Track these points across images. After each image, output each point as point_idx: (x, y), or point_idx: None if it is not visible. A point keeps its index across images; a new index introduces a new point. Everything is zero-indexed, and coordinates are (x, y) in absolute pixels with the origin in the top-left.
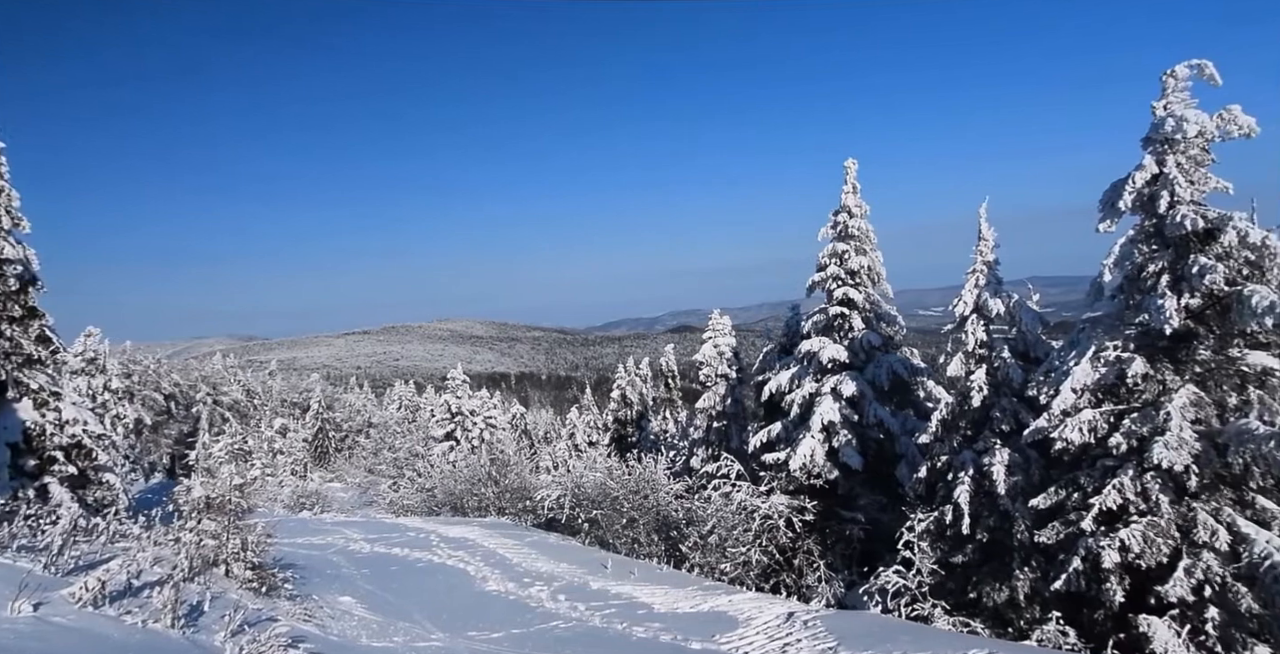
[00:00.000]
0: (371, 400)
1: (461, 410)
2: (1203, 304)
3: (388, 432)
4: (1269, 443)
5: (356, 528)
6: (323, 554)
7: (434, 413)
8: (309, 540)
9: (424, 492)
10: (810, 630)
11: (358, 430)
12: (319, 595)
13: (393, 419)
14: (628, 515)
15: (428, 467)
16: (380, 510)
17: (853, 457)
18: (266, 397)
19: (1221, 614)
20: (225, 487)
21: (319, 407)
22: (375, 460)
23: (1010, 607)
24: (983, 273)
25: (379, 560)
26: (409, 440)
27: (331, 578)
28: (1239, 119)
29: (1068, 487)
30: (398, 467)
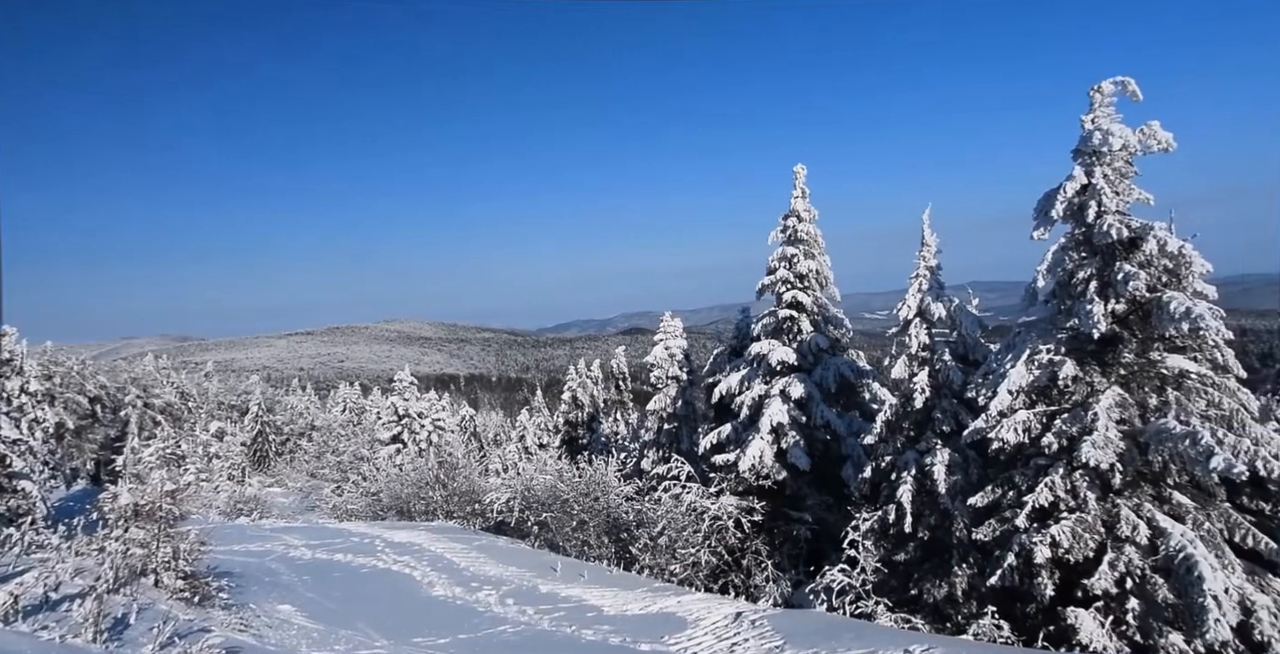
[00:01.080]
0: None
1: (409, 413)
2: (1127, 309)
3: (331, 435)
4: (1184, 441)
5: (297, 534)
6: (261, 561)
7: (380, 415)
8: (246, 547)
9: (369, 496)
10: (757, 630)
11: (300, 434)
12: (256, 604)
13: (337, 422)
14: (578, 518)
15: (373, 470)
16: (323, 515)
17: (800, 458)
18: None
19: (1141, 604)
20: (156, 493)
21: (259, 409)
22: (318, 464)
23: (949, 602)
24: (926, 278)
25: (321, 567)
26: (354, 443)
27: (270, 586)
28: (1158, 135)
29: (1004, 485)
30: (342, 470)
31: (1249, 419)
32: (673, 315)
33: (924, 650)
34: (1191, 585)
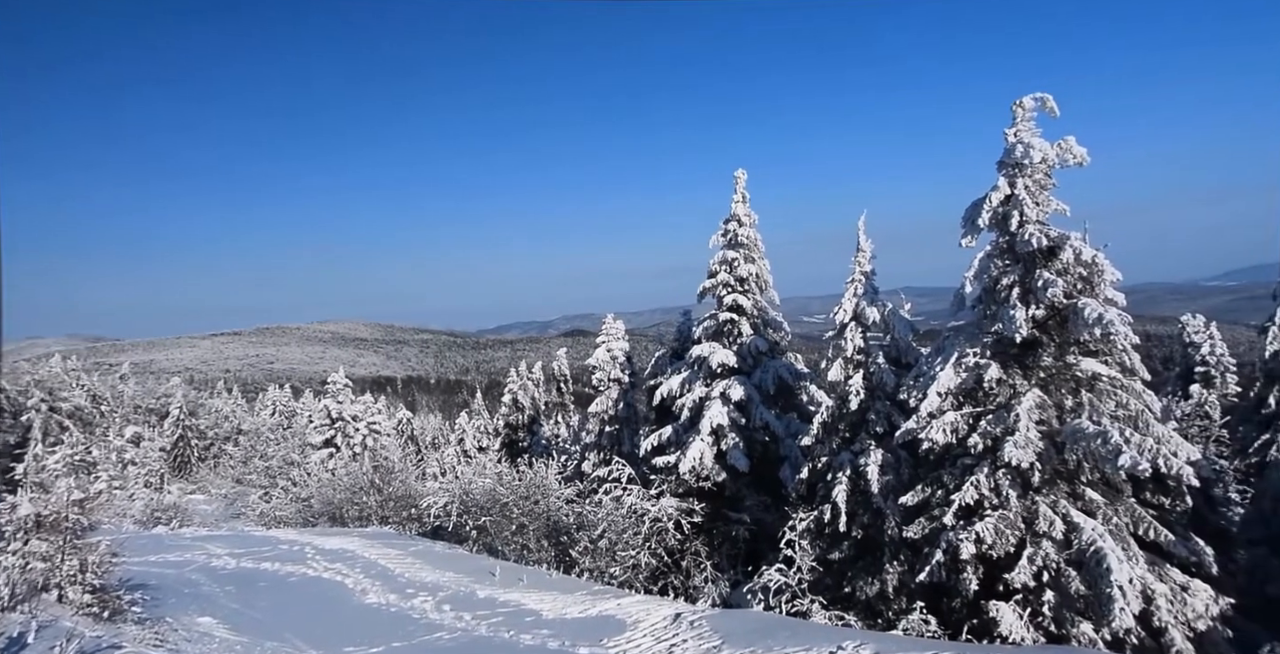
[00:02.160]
0: (242, 406)
1: (343, 416)
2: (1046, 315)
3: (259, 439)
4: (1096, 440)
5: (221, 542)
6: (180, 572)
7: (312, 418)
8: (164, 558)
9: (299, 502)
10: (696, 630)
11: (225, 438)
12: (174, 617)
13: (265, 425)
14: (517, 521)
15: (304, 475)
16: (249, 523)
17: (740, 459)
18: (117, 402)
19: (1056, 596)
20: (61, 502)
21: (180, 413)
22: (245, 470)
23: (881, 599)
24: (861, 283)
25: (246, 576)
26: (283, 448)
27: (190, 598)
28: (1074, 149)
29: (933, 484)
30: (270, 476)
31: (1152, 419)
32: (615, 317)
33: (856, 646)
34: (1100, 577)
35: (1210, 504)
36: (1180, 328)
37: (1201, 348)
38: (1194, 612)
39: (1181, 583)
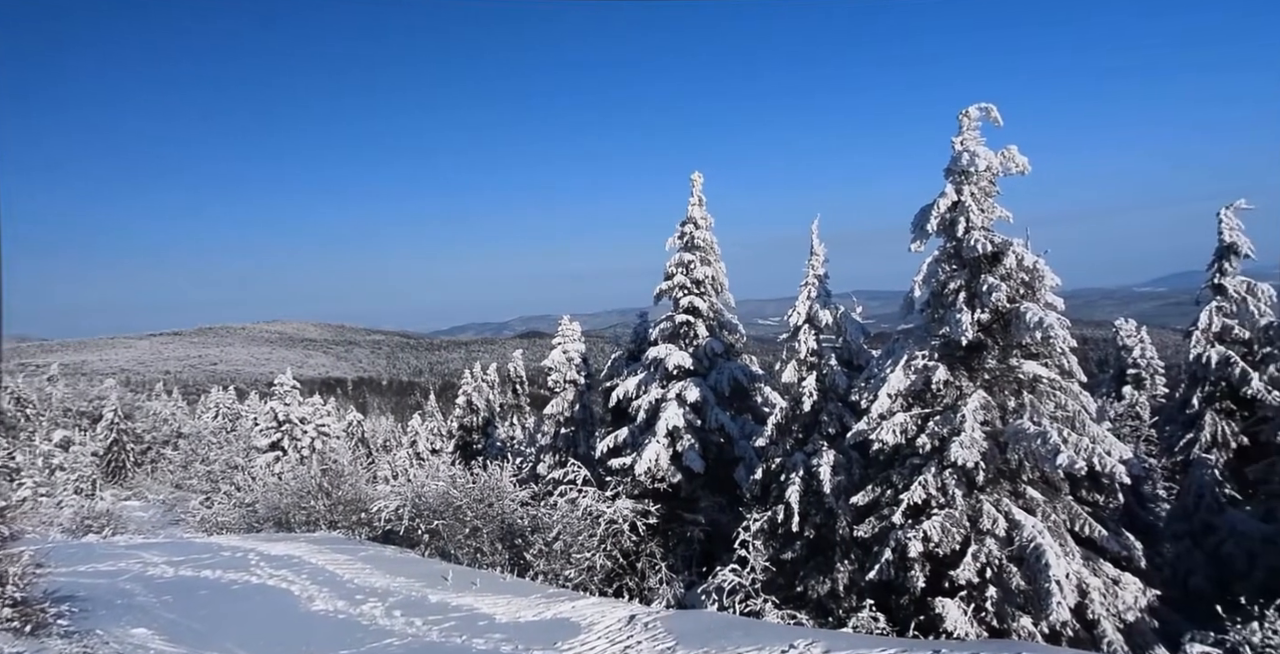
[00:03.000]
0: (182, 408)
1: (290, 418)
2: (991, 319)
3: (201, 442)
4: (1036, 440)
5: (158, 550)
6: (113, 582)
7: (258, 421)
8: (95, 567)
9: (243, 507)
10: (650, 632)
11: (164, 442)
12: (104, 630)
13: (208, 428)
14: (471, 524)
15: (248, 479)
16: (189, 529)
17: (695, 460)
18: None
19: (998, 592)
20: None
21: (114, 416)
22: (185, 474)
23: (831, 597)
24: (814, 286)
25: (185, 585)
26: (227, 451)
27: (123, 609)
28: (1016, 158)
29: (883, 484)
30: (212, 480)
31: (1088, 419)
32: (571, 319)
33: (807, 645)
34: (1040, 572)
35: (1140, 500)
36: (1114, 332)
37: (1133, 351)
38: (1124, 604)
39: (1113, 577)
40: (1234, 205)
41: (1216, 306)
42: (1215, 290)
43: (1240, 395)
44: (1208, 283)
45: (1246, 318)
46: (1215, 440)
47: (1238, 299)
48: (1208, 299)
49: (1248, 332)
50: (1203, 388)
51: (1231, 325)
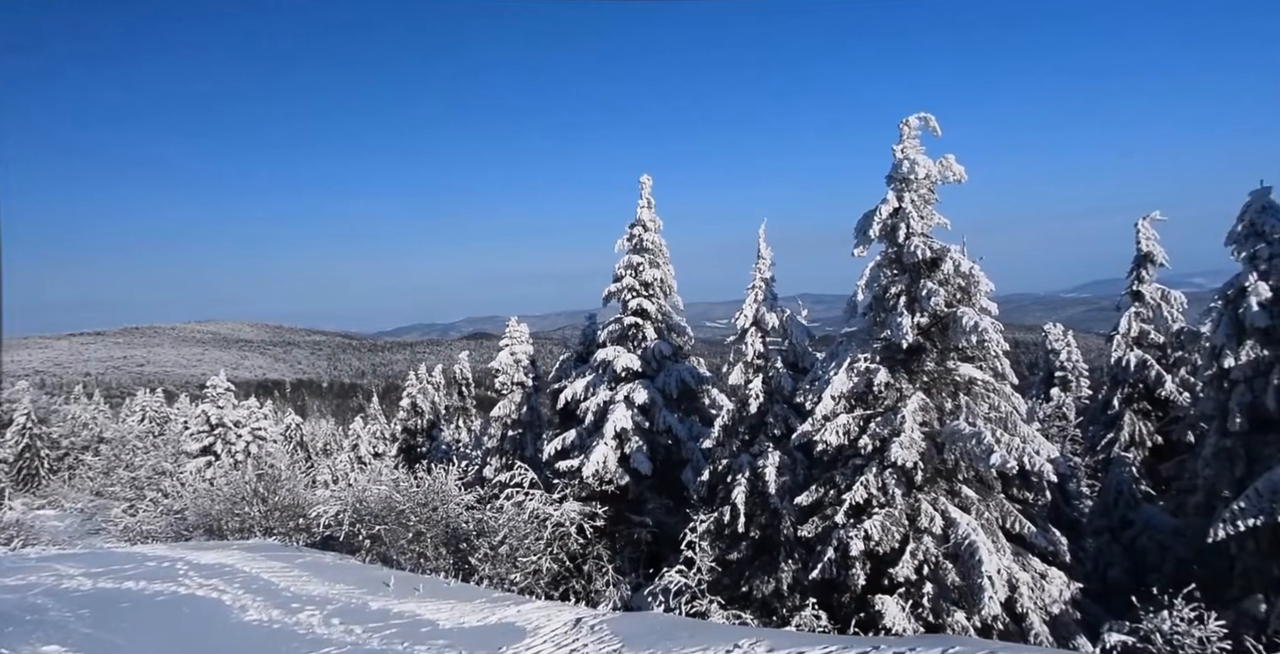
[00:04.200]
0: (104, 412)
1: (223, 421)
2: (930, 322)
3: (125, 448)
4: (971, 441)
5: (74, 562)
6: (21, 597)
7: (188, 425)
8: (1, 582)
9: (171, 514)
10: (596, 635)
11: (83, 447)
12: (11, 649)
13: (133, 433)
14: (415, 529)
15: (177, 486)
16: (110, 539)
17: (643, 462)
18: None
19: (935, 588)
20: None
21: (27, 420)
22: (106, 481)
23: (776, 597)
24: (761, 289)
25: (104, 598)
26: (154, 457)
27: (32, 625)
28: (953, 167)
29: (826, 484)
30: (137, 487)
31: (1019, 421)
32: (519, 320)
33: (752, 644)
34: (973, 568)
35: (1065, 498)
36: (1043, 336)
37: (1060, 354)
38: (1050, 597)
39: (1041, 571)
40: (1150, 217)
41: (1135, 312)
42: (1134, 297)
43: (1156, 397)
44: (1127, 290)
45: (1161, 323)
46: (1133, 439)
47: (1154, 305)
48: (1127, 305)
49: (1162, 336)
50: (1122, 390)
51: (1148, 330)
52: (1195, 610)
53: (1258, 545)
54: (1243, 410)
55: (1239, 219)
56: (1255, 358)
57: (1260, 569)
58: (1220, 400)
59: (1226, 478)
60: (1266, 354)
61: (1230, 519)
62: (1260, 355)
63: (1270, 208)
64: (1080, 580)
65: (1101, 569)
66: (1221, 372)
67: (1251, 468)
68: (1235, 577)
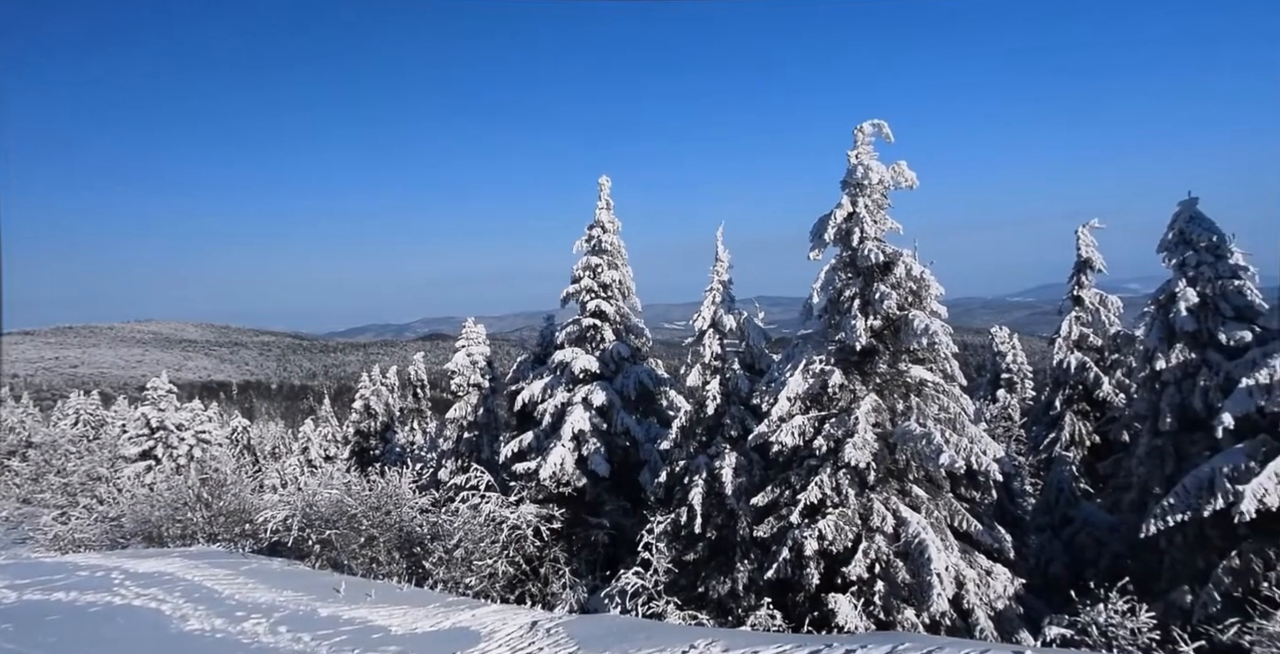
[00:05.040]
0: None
1: (165, 425)
2: (882, 325)
3: (56, 452)
4: (922, 441)
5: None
6: None
7: (127, 428)
8: None
9: (106, 522)
10: (552, 638)
11: (10, 452)
12: None
13: (65, 437)
14: (367, 534)
15: (113, 491)
16: (39, 548)
17: (601, 464)
18: None
19: (886, 586)
20: None
21: None
22: (35, 488)
23: (731, 597)
24: (719, 291)
25: (30, 610)
26: (88, 462)
27: None
28: (906, 173)
29: (781, 485)
30: (69, 493)
31: (968, 421)
32: (476, 321)
33: (707, 644)
34: (923, 566)
35: (1010, 496)
36: (990, 338)
37: (1006, 357)
38: (995, 593)
39: (987, 568)
40: (1089, 224)
41: (1075, 316)
42: (1074, 301)
43: (1094, 398)
44: (1068, 295)
45: (1099, 327)
46: (1073, 439)
47: (1092, 310)
48: (1068, 309)
49: (1100, 340)
50: (1063, 391)
51: (1087, 334)
52: (1128, 603)
53: (1184, 539)
54: (1172, 411)
55: (1169, 228)
56: (1184, 360)
57: (1186, 562)
58: (1152, 401)
59: (1158, 475)
60: (1194, 357)
61: (1160, 515)
62: (1189, 358)
63: (1197, 218)
64: (1023, 576)
65: (1043, 565)
66: (1153, 374)
67: (1180, 465)
68: (1164, 570)
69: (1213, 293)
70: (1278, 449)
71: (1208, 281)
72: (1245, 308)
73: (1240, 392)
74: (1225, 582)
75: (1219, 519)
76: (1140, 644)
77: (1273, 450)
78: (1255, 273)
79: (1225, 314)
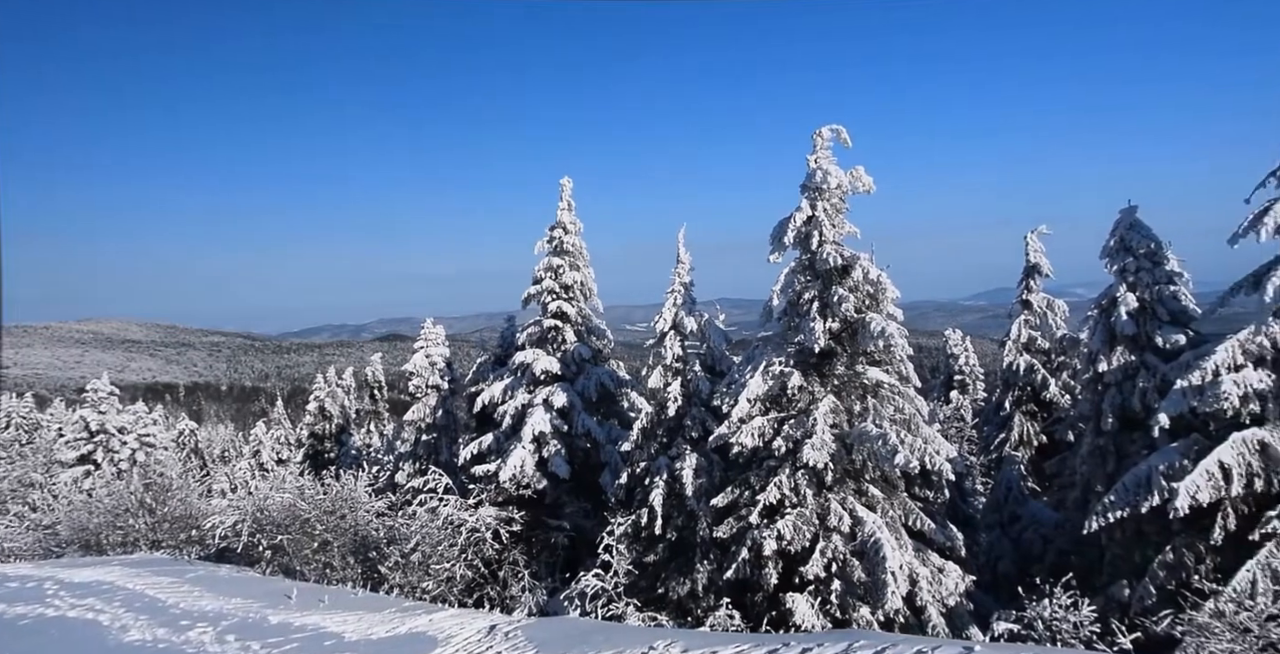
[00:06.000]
0: None
1: (105, 428)
2: (840, 328)
3: None
4: (878, 442)
5: None
6: None
7: (64, 432)
8: None
9: (40, 530)
10: (510, 641)
11: None
12: None
13: None
14: (320, 538)
15: (48, 498)
16: None
17: (561, 466)
18: None
19: (842, 585)
20: None
21: None
22: None
23: (691, 598)
24: (680, 293)
25: None
26: (20, 467)
27: None
28: (863, 178)
29: (741, 486)
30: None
31: (922, 422)
32: (435, 322)
33: (666, 645)
34: (878, 565)
35: (962, 495)
36: (944, 341)
37: (959, 359)
38: (947, 590)
39: (939, 566)
40: (1037, 230)
41: (1024, 320)
42: (1023, 305)
43: (1041, 399)
44: (1017, 299)
45: (1047, 330)
46: (1022, 439)
47: (1040, 313)
48: (1017, 313)
49: (1048, 342)
50: (1013, 393)
51: (1035, 336)
52: (1071, 598)
53: (1124, 535)
54: (1114, 411)
55: (1111, 235)
56: (1124, 363)
57: (1125, 557)
58: (1095, 402)
59: (1100, 474)
60: (1133, 359)
61: (1101, 512)
62: (1129, 360)
63: (1137, 225)
64: (974, 573)
65: (992, 562)
66: (1096, 375)
67: (1121, 464)
68: (1105, 565)
69: (1150, 298)
70: (1209, 448)
71: (1146, 287)
72: (1180, 312)
73: (1175, 393)
74: (1160, 575)
75: (1155, 515)
76: (1082, 637)
77: (1204, 449)
78: (1189, 278)
79: (1162, 318)
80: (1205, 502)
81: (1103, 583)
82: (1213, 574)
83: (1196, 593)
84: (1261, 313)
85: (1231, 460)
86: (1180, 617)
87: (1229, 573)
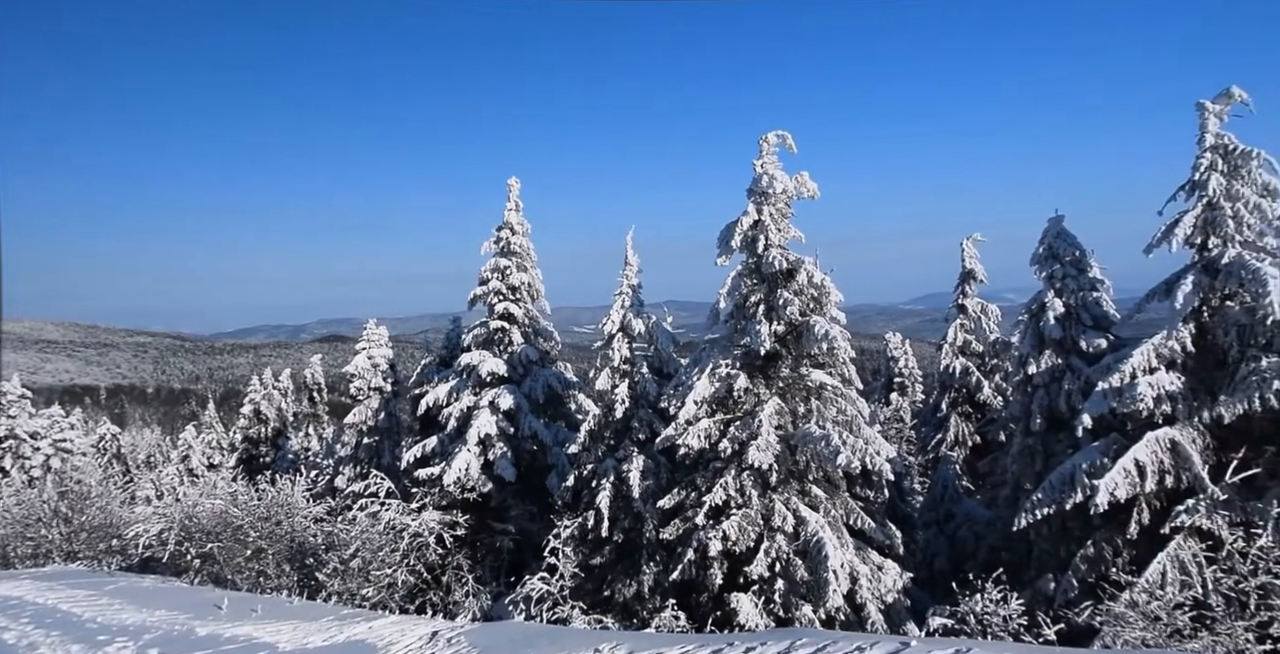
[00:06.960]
0: None
1: (15, 433)
2: (786, 330)
3: None
4: (821, 443)
5: None
6: None
7: None
8: None
9: None
10: (453, 647)
11: None
12: None
13: None
14: (254, 546)
15: None
16: None
17: (507, 469)
18: None
19: (785, 584)
20: None
21: None
22: None
23: (637, 599)
24: (628, 295)
25: None
26: None
27: None
28: (808, 183)
29: (687, 487)
30: None
31: (863, 423)
32: (378, 323)
33: (612, 648)
34: (820, 564)
35: (901, 494)
36: (884, 344)
37: (899, 361)
38: (885, 587)
39: (878, 563)
40: (972, 237)
41: (960, 324)
42: (959, 309)
43: (976, 400)
44: (954, 303)
45: (981, 334)
46: (957, 439)
47: (975, 317)
48: (954, 317)
49: (982, 346)
50: (949, 394)
51: (970, 340)
52: (1001, 592)
53: (1050, 531)
54: (1042, 412)
55: (1040, 242)
56: (1052, 366)
57: (1051, 552)
58: (1025, 403)
59: (1029, 472)
60: (1060, 362)
61: (1030, 509)
62: (1056, 363)
63: (1064, 234)
64: (911, 571)
65: (929, 559)
66: (1026, 377)
67: (1048, 463)
68: (1033, 560)
69: (1075, 303)
70: (1126, 446)
71: (1072, 293)
72: (1102, 317)
73: (1097, 394)
74: (1082, 569)
75: (1078, 512)
76: (1011, 630)
77: (1122, 448)
78: (1110, 285)
79: (1086, 323)
80: (1123, 498)
81: (1030, 577)
82: (1129, 567)
83: (1114, 585)
84: (1173, 318)
85: (1146, 458)
86: (1099, 607)
87: (1143, 565)
